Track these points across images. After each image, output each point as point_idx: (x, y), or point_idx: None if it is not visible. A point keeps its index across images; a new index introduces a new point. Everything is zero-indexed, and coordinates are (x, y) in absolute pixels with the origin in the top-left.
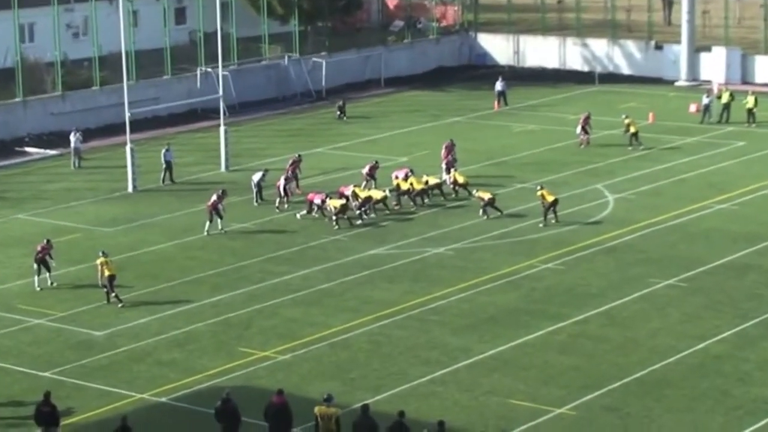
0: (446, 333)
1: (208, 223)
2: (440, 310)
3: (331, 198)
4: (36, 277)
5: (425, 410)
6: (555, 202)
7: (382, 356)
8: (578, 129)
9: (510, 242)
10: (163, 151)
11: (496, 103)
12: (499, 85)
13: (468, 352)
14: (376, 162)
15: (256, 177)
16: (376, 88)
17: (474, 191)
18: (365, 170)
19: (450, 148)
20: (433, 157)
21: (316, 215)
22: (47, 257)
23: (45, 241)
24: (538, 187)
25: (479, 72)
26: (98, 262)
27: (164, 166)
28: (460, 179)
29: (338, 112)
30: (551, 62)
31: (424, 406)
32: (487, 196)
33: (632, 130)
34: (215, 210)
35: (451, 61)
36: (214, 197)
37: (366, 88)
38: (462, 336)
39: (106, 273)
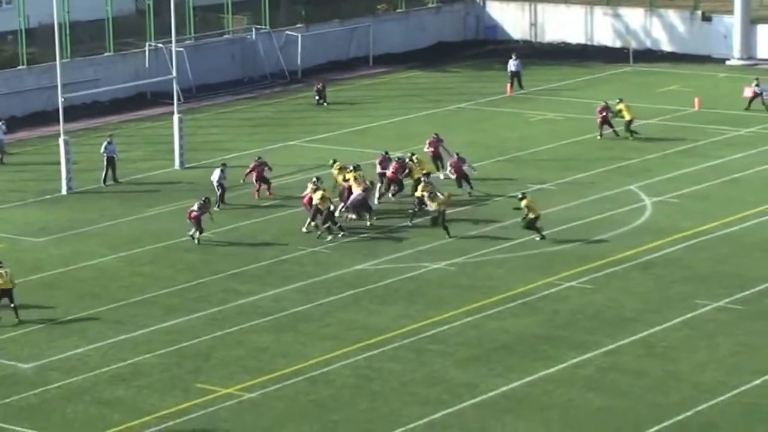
0: (448, 366)
1: (197, 232)
2: (441, 338)
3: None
4: None
5: None
6: (536, 219)
7: (371, 394)
8: (599, 121)
9: (525, 255)
10: (104, 144)
11: (509, 86)
12: (512, 65)
13: (475, 389)
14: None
15: (215, 176)
16: (364, 67)
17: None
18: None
19: (435, 144)
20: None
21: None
22: None
23: None
24: (520, 195)
25: (488, 48)
26: None
27: (105, 162)
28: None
29: (317, 97)
30: (576, 36)
31: None
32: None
33: (627, 117)
34: (197, 222)
35: (454, 36)
36: (195, 207)
37: (351, 67)
38: (468, 369)
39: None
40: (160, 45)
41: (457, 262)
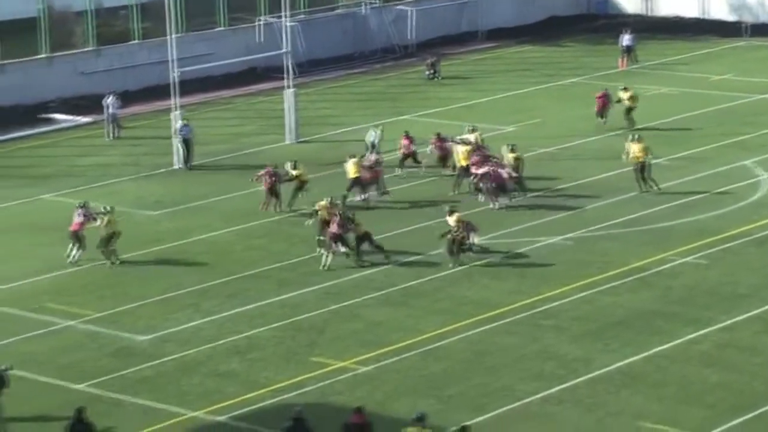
0: (563, 341)
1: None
2: (555, 312)
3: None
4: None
5: None
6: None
7: (485, 369)
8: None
9: (640, 231)
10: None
11: (621, 60)
12: (625, 39)
13: (589, 364)
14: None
15: (371, 136)
16: (475, 42)
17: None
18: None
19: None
20: (544, 127)
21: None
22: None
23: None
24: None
25: (601, 23)
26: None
27: (182, 144)
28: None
29: (429, 72)
30: (690, 10)
31: (536, 429)
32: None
33: (627, 104)
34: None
35: (566, 9)
36: (334, 227)
37: (463, 42)
38: (582, 344)
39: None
40: (272, 20)
41: (572, 236)
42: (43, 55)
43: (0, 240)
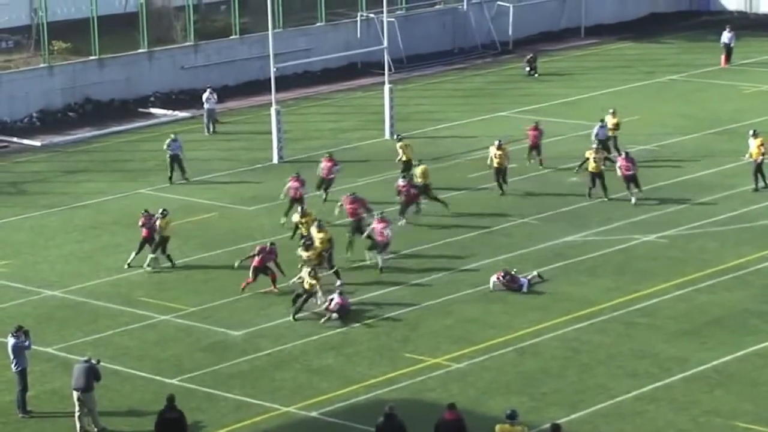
0: (658, 339)
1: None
2: (650, 311)
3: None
4: (134, 254)
5: None
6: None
7: (579, 366)
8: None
9: (738, 229)
10: (168, 141)
11: (723, 57)
12: (725, 37)
13: (684, 363)
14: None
15: (595, 129)
16: (575, 38)
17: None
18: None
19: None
20: (642, 124)
21: None
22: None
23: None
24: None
25: (702, 19)
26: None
27: (169, 160)
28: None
29: (528, 68)
30: None
31: (630, 427)
32: None
33: (610, 131)
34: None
35: (667, 6)
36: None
37: (562, 38)
38: (677, 343)
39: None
40: (371, 15)
41: (669, 234)
42: (142, 50)
43: (99, 233)
